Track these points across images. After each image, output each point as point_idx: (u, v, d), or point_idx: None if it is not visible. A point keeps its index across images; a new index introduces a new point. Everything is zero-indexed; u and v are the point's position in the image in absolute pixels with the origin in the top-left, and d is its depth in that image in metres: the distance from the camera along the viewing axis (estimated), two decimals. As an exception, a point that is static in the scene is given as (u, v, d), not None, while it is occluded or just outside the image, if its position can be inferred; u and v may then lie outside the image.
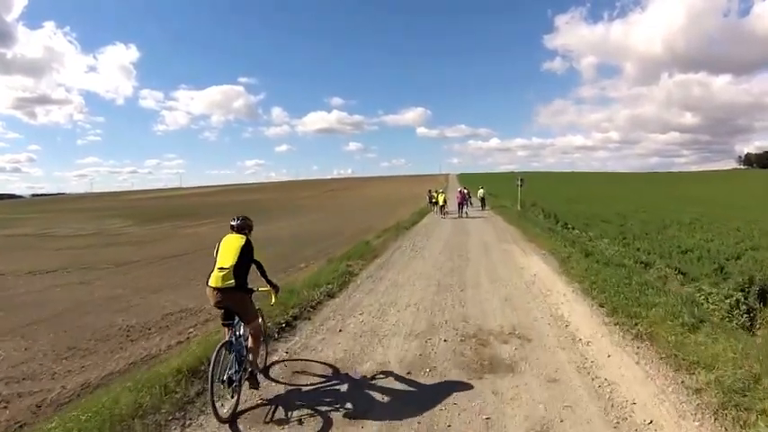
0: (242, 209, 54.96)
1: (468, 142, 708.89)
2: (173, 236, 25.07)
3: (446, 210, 23.87)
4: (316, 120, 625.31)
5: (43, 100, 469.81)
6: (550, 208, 26.38)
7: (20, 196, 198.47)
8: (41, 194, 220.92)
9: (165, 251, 18.03)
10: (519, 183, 24.55)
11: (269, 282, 4.02)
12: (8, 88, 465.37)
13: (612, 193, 53.73)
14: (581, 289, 6.69)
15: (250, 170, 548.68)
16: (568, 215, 20.33)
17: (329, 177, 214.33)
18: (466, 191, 25.56)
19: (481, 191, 30.27)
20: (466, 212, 23.16)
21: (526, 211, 23.36)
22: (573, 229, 14.37)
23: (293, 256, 14.54)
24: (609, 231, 14.33)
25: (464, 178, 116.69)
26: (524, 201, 25.80)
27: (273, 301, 4.21)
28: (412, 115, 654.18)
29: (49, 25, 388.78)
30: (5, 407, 4.49)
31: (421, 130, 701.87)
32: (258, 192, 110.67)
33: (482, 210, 27.66)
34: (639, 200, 39.37)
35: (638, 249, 10.59)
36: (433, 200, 27.71)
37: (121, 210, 62.51)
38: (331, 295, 6.91)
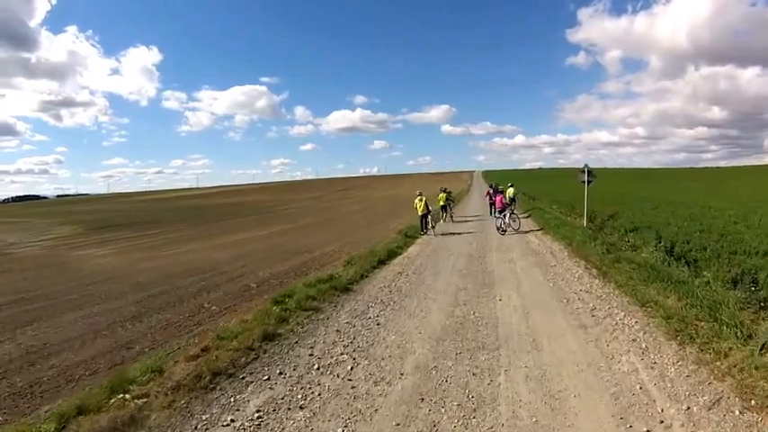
0: (222, 211, 47.75)
1: (493, 139, 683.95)
2: (34, 264, 16.62)
3: (433, 220, 14.90)
4: (339, 118, 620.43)
5: (68, 102, 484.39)
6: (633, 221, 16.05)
7: (44, 197, 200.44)
8: (66, 195, 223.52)
9: None
10: (586, 178, 13.88)
11: None
12: (33, 92, 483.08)
13: (676, 193, 41.70)
14: None
15: (276, 169, 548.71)
16: (699, 246, 10.09)
17: (355, 176, 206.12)
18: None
19: (511, 190, 22.17)
20: (503, 226, 13.46)
21: (601, 227, 13.19)
22: None
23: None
24: None
25: (490, 175, 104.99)
26: (583, 208, 15.46)
27: None
28: (436, 113, 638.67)
29: (72, 29, 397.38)
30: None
31: (446, 128, 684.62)
32: (262, 192, 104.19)
33: (511, 212, 19.50)
34: (726, 201, 27.72)
35: None
36: (440, 203, 19.20)
37: (98, 214, 56.16)
38: None
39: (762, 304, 5.32)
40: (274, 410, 3.44)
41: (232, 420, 3.31)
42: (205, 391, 3.75)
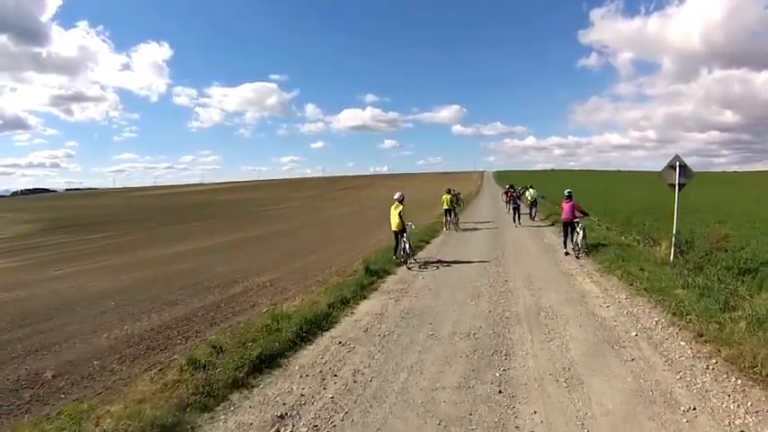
0: (199, 212, 43.15)
1: (504, 140, 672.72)
2: None
3: (408, 240, 9.31)
4: (350, 117, 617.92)
5: (79, 97, 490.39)
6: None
7: (53, 190, 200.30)
8: (75, 189, 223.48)
9: None
10: (677, 180, 7.93)
11: None
12: (44, 86, 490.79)
13: (715, 200, 35.53)
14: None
15: (286, 166, 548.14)
16: None
17: (362, 174, 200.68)
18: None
19: (531, 191, 20.13)
20: (575, 247, 8.16)
21: (699, 264, 7.81)
22: None
23: None
24: None
25: (502, 176, 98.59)
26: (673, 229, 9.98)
27: None
28: (447, 113, 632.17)
29: (83, 25, 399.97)
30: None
31: (456, 128, 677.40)
32: (264, 190, 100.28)
33: (531, 218, 17.78)
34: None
35: None
36: (443, 207, 15.46)
37: (73, 210, 52.71)
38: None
39: None
40: None
41: None
42: None
